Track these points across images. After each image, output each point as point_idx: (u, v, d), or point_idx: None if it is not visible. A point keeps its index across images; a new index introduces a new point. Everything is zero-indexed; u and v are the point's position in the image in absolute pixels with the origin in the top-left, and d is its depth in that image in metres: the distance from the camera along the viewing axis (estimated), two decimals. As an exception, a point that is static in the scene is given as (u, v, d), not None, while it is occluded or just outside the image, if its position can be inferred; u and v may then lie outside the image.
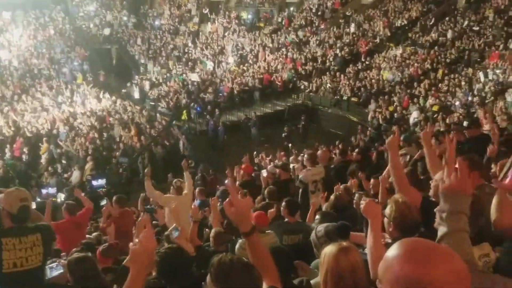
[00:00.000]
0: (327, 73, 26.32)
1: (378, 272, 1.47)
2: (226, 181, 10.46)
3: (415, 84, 21.91)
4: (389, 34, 27.45)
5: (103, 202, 9.87)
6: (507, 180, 2.56)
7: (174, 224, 5.24)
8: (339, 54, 27.23)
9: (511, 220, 2.77)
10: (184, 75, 28.73)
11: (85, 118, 22.60)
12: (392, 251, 1.40)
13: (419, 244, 1.40)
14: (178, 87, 26.97)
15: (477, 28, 24.14)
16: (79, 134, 20.97)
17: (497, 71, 19.52)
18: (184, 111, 24.24)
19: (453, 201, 2.20)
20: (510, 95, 16.86)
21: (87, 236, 8.01)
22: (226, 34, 33.43)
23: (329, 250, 2.80)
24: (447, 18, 26.50)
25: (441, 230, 2.14)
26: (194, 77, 28.00)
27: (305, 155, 9.68)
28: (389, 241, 3.52)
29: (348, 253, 2.76)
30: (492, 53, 21.56)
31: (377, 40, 27.46)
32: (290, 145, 16.18)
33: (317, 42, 29.39)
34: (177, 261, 3.81)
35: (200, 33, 34.40)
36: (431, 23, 26.70)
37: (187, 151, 20.17)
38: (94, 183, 16.38)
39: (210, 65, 29.80)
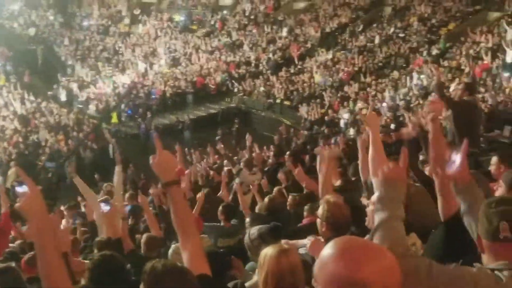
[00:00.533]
0: (260, 76, 26.52)
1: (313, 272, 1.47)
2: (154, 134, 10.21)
3: (345, 88, 22.51)
4: (320, 39, 28.04)
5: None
6: (452, 167, 2.60)
7: (106, 196, 5.02)
8: (272, 58, 27.53)
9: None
10: (114, 77, 28.02)
11: (8, 122, 21.51)
12: (327, 250, 1.41)
13: (352, 242, 1.43)
14: (108, 89, 26.27)
15: (403, 35, 25.13)
16: (2, 138, 19.92)
17: (421, 76, 20.40)
18: (114, 114, 23.65)
19: (393, 188, 2.24)
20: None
21: (10, 244, 7.57)
22: (158, 35, 32.96)
23: (269, 251, 2.81)
24: (374, 25, 27.41)
25: (380, 216, 2.17)
26: (125, 79, 27.39)
27: (241, 162, 9.74)
28: (322, 240, 3.59)
29: (288, 254, 2.78)
30: (416, 59, 22.52)
31: (309, 45, 27.98)
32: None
33: (250, 45, 29.58)
34: (111, 267, 3.68)
35: (131, 34, 33.71)
36: (359, 29, 27.52)
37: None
38: (19, 189, 15.56)
39: (142, 66, 29.24)
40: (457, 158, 2.54)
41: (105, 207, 4.69)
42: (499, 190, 3.53)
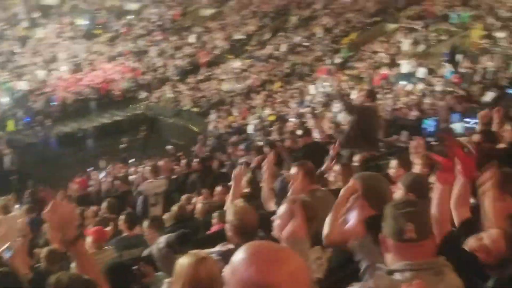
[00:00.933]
0: (168, 83, 26.19)
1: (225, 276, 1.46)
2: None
3: (253, 95, 22.80)
4: (228, 46, 28.22)
5: None
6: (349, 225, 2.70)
7: (7, 244, 4.67)
8: (180, 65, 27.31)
9: (338, 238, 2.92)
10: (10, 83, 26.42)
11: None
12: (238, 255, 1.42)
13: (263, 247, 1.44)
14: (4, 96, 24.72)
15: (308, 44, 25.91)
16: None
17: (325, 84, 21.12)
18: (11, 122, 22.33)
19: (297, 246, 2.33)
20: (336, 106, 18.30)
21: None
22: (59, 40, 31.53)
23: (185, 260, 2.72)
24: (281, 33, 28.03)
25: None
26: (22, 85, 25.93)
27: (147, 167, 9.50)
28: (232, 246, 3.58)
29: (206, 263, 2.71)
30: (320, 67, 23.30)
31: (217, 52, 28.07)
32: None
33: (157, 51, 29.16)
34: (9, 285, 3.45)
35: (30, 39, 31.96)
36: (267, 38, 28.02)
37: (14, 166, 18.52)
38: None
39: (41, 72, 27.79)
40: (352, 216, 2.64)
41: (7, 254, 4.35)
42: (398, 193, 3.66)
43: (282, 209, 3.10)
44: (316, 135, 10.53)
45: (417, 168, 4.93)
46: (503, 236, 2.66)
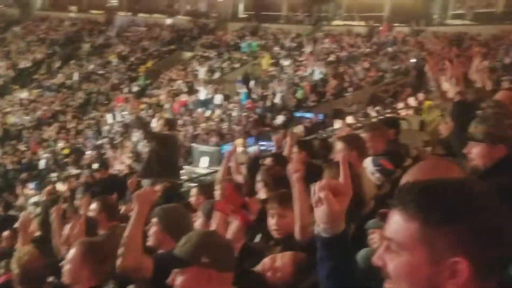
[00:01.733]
0: None
1: None
2: None
3: (44, 128, 21.24)
4: (13, 75, 25.98)
5: None
6: None
7: None
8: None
9: (135, 261, 2.62)
10: None
11: None
12: None
13: None
14: None
15: (103, 72, 25.11)
16: None
17: (123, 113, 20.59)
18: None
19: None
20: (136, 135, 17.92)
21: None
22: None
23: None
24: (73, 61, 26.75)
25: None
26: None
27: None
28: None
29: None
30: (117, 96, 22.69)
31: (0, 82, 25.62)
32: None
33: None
34: None
35: None
36: (57, 66, 26.50)
37: None
38: None
39: None
40: None
41: None
42: (198, 221, 3.56)
43: (72, 253, 2.96)
44: (117, 167, 10.10)
45: (217, 194, 4.89)
46: (293, 258, 2.63)
